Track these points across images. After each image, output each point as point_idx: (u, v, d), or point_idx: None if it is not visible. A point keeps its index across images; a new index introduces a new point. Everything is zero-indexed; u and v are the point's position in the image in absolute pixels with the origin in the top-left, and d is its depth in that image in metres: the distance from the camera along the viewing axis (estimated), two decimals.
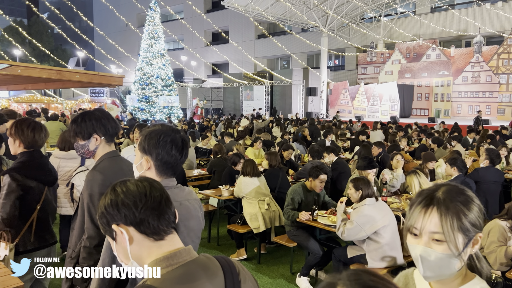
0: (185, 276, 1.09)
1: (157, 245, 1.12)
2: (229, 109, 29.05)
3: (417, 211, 1.14)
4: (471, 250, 1.13)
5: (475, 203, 1.13)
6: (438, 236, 1.10)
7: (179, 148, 1.71)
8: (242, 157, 6.11)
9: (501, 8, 20.79)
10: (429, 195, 1.14)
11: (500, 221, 3.46)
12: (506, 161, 7.65)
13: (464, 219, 1.10)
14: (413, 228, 1.14)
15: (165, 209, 1.14)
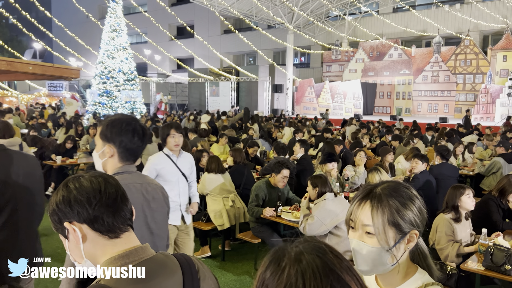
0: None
1: (112, 243, 1.08)
2: (195, 105, 28.73)
3: (355, 205, 1.15)
4: (405, 246, 1.13)
5: (414, 201, 1.14)
6: (369, 229, 1.10)
7: (140, 135, 1.79)
8: (207, 153, 6.03)
9: (459, 10, 21.65)
10: (369, 189, 1.15)
11: (445, 214, 3.60)
12: (462, 158, 7.97)
13: (396, 215, 1.10)
14: (350, 220, 1.15)
15: (121, 205, 1.09)
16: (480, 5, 20.75)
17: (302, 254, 0.74)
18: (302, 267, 0.72)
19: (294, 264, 0.73)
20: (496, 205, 4.07)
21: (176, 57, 31.25)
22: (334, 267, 0.73)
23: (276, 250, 0.77)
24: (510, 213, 4.24)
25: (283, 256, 0.75)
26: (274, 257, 0.76)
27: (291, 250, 0.76)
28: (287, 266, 0.73)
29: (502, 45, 20.08)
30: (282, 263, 0.74)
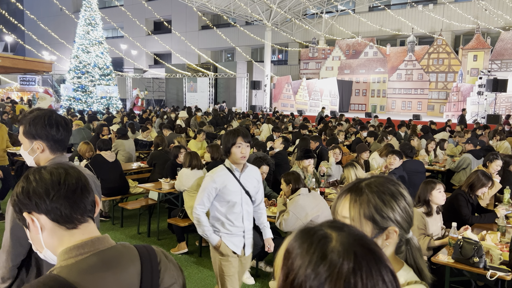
0: (95, 265, 1.06)
1: (70, 234, 1.11)
2: (172, 101, 28.44)
3: (339, 196, 1.18)
4: (383, 242, 1.13)
5: (398, 199, 1.14)
6: (347, 221, 1.12)
7: (63, 125, 1.86)
8: (184, 149, 6.00)
9: (432, 10, 22.16)
10: (355, 183, 1.17)
11: (417, 209, 3.71)
12: (434, 154, 8.20)
13: (373, 210, 1.11)
14: (333, 211, 1.19)
15: (80, 197, 1.12)
16: (452, 6, 21.29)
17: (352, 246, 0.71)
18: (358, 265, 0.69)
19: (348, 261, 0.69)
20: (466, 199, 4.21)
21: (153, 52, 30.82)
22: (382, 258, 0.72)
23: (319, 244, 0.72)
24: (479, 207, 4.40)
25: (331, 251, 0.70)
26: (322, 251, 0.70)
27: (336, 242, 0.71)
28: (343, 262, 0.69)
29: (472, 45, 20.69)
30: (335, 258, 0.69)
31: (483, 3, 19.78)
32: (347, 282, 0.67)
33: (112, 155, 5.94)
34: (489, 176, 4.28)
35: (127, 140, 7.79)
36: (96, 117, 13.53)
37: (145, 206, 5.82)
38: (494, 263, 3.11)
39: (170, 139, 8.08)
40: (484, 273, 3.00)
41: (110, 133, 8.69)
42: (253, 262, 4.58)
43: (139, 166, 7.14)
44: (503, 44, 19.90)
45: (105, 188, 5.72)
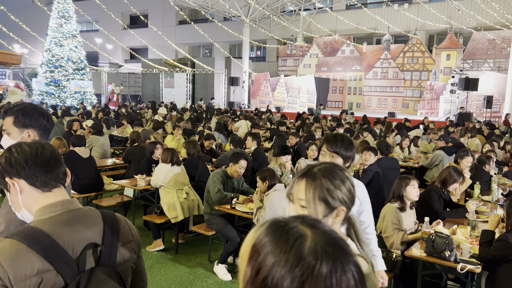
0: (65, 220, 1.30)
1: (44, 196, 1.34)
2: (148, 96, 28.03)
3: (294, 181, 1.32)
4: (333, 220, 1.29)
5: (345, 182, 1.30)
6: (302, 202, 1.27)
7: (50, 116, 2.09)
8: (160, 145, 5.93)
9: (407, 9, 22.58)
10: (308, 169, 1.31)
11: (391, 204, 3.80)
12: (408, 150, 8.37)
13: (326, 192, 1.26)
14: (290, 194, 1.32)
15: (54, 166, 1.36)
16: (426, 6, 21.75)
17: (327, 246, 0.72)
18: (334, 267, 0.70)
19: (326, 262, 0.70)
20: (438, 195, 4.32)
21: (129, 47, 30.29)
22: (351, 258, 0.74)
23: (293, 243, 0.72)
24: (451, 202, 4.52)
25: (308, 253, 0.71)
26: (298, 253, 0.71)
27: (312, 242, 0.72)
28: (322, 264, 0.70)
29: (446, 45, 21.21)
30: (312, 260, 0.70)
31: (456, 3, 20.28)
32: (325, 284, 0.68)
33: (86, 151, 5.82)
34: (460, 172, 4.40)
35: (101, 136, 7.63)
36: (69, 112, 13.20)
37: (120, 203, 5.73)
38: (464, 256, 3.20)
39: (146, 135, 7.97)
40: (454, 266, 3.08)
41: (83, 128, 8.50)
42: (230, 258, 4.58)
43: (114, 163, 7.01)
44: (474, 44, 20.48)
45: (79, 184, 5.60)
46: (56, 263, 1.22)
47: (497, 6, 19.27)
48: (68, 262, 1.24)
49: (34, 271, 1.19)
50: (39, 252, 1.21)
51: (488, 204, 4.74)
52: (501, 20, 19.33)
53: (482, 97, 17.67)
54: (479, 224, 4.08)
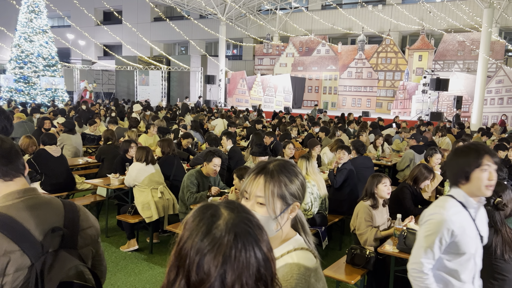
0: (29, 206, 1.40)
1: (6, 185, 1.44)
2: (122, 94, 27.54)
3: (250, 179, 1.32)
4: (288, 215, 1.31)
5: (298, 178, 1.33)
6: (261, 199, 1.27)
7: (11, 121, 2.15)
8: (134, 143, 5.83)
9: (381, 10, 23.00)
10: (262, 166, 1.33)
11: (364, 202, 3.87)
12: (382, 149, 8.54)
13: (284, 189, 1.28)
14: (244, 192, 1.32)
15: (14, 158, 1.46)
16: (399, 7, 22.21)
17: (235, 227, 0.85)
18: (236, 240, 0.83)
19: (229, 237, 0.83)
20: (410, 192, 4.42)
21: (102, 44, 29.69)
22: (258, 239, 0.87)
23: (210, 220, 0.86)
24: (422, 200, 4.63)
25: (217, 226, 0.85)
26: (209, 226, 0.85)
27: (224, 220, 0.86)
28: (225, 236, 0.83)
29: (418, 46, 21.72)
30: (218, 232, 0.84)
31: (427, 5, 20.79)
32: (225, 255, 0.81)
33: (57, 149, 5.66)
34: (430, 169, 4.52)
35: (73, 134, 7.45)
36: (38, 109, 12.83)
37: (93, 203, 5.61)
38: None
39: (120, 134, 7.82)
40: None
41: (53, 126, 8.27)
42: None
43: (86, 161, 6.85)
44: (445, 45, 21.06)
45: (50, 184, 5.45)
46: (22, 244, 1.31)
47: (467, 8, 19.87)
48: (34, 243, 1.34)
49: (1, 252, 1.29)
50: (6, 234, 1.30)
51: None
52: (470, 22, 19.94)
53: (452, 97, 18.18)
54: None
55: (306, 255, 1.28)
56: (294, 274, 1.20)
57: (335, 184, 5.25)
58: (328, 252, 5.07)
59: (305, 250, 1.30)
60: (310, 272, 1.22)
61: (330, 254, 5.02)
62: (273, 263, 0.89)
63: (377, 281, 3.70)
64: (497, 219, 2.80)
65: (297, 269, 1.21)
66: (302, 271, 1.21)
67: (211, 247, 0.82)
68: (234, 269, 0.81)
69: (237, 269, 0.82)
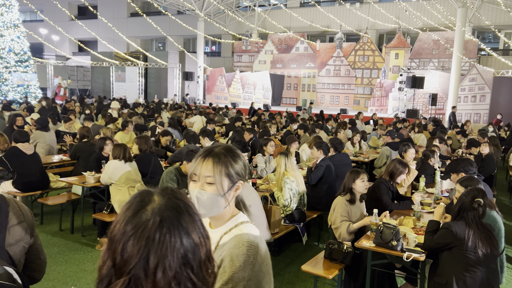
0: None
1: None
2: (98, 91, 27.01)
3: (198, 162, 1.44)
4: (234, 193, 1.46)
5: (241, 159, 1.48)
6: (210, 179, 1.40)
7: None
8: (110, 140, 5.72)
9: (359, 9, 23.26)
10: (209, 150, 1.46)
11: (341, 197, 3.94)
12: (359, 146, 8.65)
13: (231, 168, 1.43)
14: (193, 174, 1.44)
15: None
16: (376, 5, 22.52)
17: (163, 211, 0.88)
18: (161, 225, 0.86)
19: (155, 219, 0.86)
20: (387, 187, 4.49)
21: (77, 39, 29.01)
22: (187, 226, 0.89)
23: (138, 205, 0.89)
24: (398, 195, 4.72)
25: (144, 210, 0.88)
26: (135, 211, 0.88)
27: (153, 205, 0.89)
28: (150, 220, 0.86)
29: (394, 44, 22.08)
30: (144, 216, 0.87)
31: (403, 4, 21.15)
32: (148, 239, 0.84)
33: (30, 147, 5.51)
34: (405, 163, 4.61)
35: (47, 131, 7.25)
36: (10, 106, 12.44)
37: (68, 201, 5.48)
38: (410, 246, 3.35)
39: (96, 131, 7.67)
40: (401, 255, 3.22)
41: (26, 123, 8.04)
42: None
43: (61, 159, 6.69)
44: (421, 44, 21.48)
45: (22, 182, 5.30)
46: None
47: (441, 8, 20.31)
48: None
49: None
50: None
51: (432, 196, 4.99)
52: (444, 21, 20.39)
53: (427, 95, 18.57)
54: (424, 215, 4.29)
55: (251, 227, 1.43)
56: (244, 242, 1.33)
57: (310, 181, 5.29)
58: (306, 248, 5.11)
59: (250, 223, 1.45)
60: (257, 239, 1.37)
61: (309, 250, 5.06)
62: (202, 249, 0.91)
63: (354, 276, 3.74)
64: (470, 216, 2.87)
65: (246, 238, 1.35)
66: (251, 239, 1.35)
67: (135, 230, 0.84)
68: (157, 252, 0.83)
69: (161, 252, 0.84)
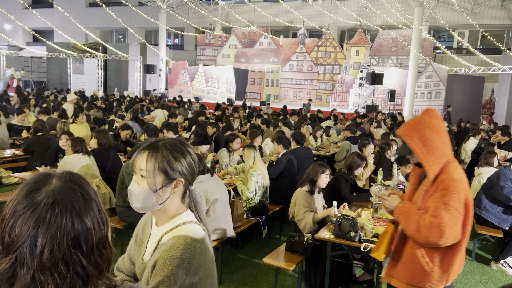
0: None
1: None
2: (55, 83, 25.93)
3: (137, 153, 1.40)
4: (172, 190, 1.39)
5: (186, 156, 1.41)
6: (143, 172, 1.36)
7: None
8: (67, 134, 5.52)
9: (321, 5, 23.57)
10: (152, 142, 1.41)
11: (301, 188, 4.01)
12: (321, 140, 8.81)
13: (166, 164, 1.36)
14: (133, 166, 1.40)
15: None
16: (338, 2, 22.90)
17: (57, 194, 0.89)
18: (53, 206, 0.86)
19: (47, 201, 0.87)
20: (345, 180, 4.61)
21: (31, 28, 27.66)
22: (80, 210, 0.90)
23: (33, 186, 0.90)
24: (357, 187, 4.85)
25: (38, 191, 0.88)
26: (29, 191, 0.89)
27: (48, 187, 0.89)
28: (42, 201, 0.86)
29: (355, 41, 22.59)
30: (37, 197, 0.87)
31: (364, 2, 21.64)
32: (38, 219, 0.84)
33: None
34: (363, 157, 4.75)
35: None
36: None
37: None
38: (367, 236, 3.46)
39: (52, 125, 7.37)
40: (359, 245, 3.32)
41: None
42: None
43: (13, 154, 6.38)
44: (380, 41, 22.09)
45: None
46: None
47: (400, 6, 20.95)
48: None
49: None
50: None
51: (389, 188, 5.16)
52: (403, 20, 21.06)
53: (386, 91, 19.16)
54: (382, 207, 4.44)
55: (194, 227, 1.37)
56: (180, 245, 1.28)
57: (270, 175, 5.33)
58: (269, 241, 5.16)
59: (194, 224, 1.39)
60: (196, 242, 1.31)
61: (271, 243, 5.12)
62: (96, 234, 0.91)
63: (314, 267, 3.82)
64: None
65: (183, 240, 1.29)
66: (188, 242, 1.29)
67: (26, 209, 0.85)
68: (46, 233, 0.84)
69: (50, 233, 0.84)
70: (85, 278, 0.87)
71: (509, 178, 4.72)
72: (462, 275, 4.59)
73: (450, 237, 2.19)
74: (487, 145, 7.11)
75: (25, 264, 0.82)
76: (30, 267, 0.82)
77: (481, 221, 4.92)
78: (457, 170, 2.31)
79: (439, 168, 2.29)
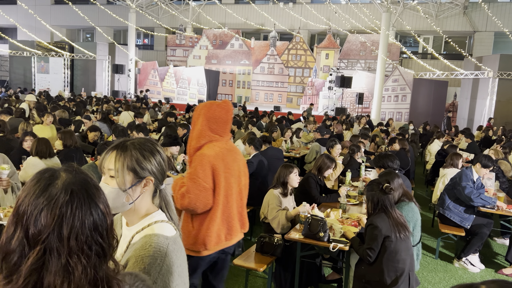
0: None
1: None
2: (18, 82, 24.97)
3: (105, 153, 1.39)
4: (141, 189, 1.38)
5: (155, 155, 1.41)
6: (112, 172, 1.36)
7: None
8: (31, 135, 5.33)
9: (292, 8, 23.82)
10: (120, 142, 1.41)
11: (274, 190, 4.05)
12: (291, 141, 8.89)
13: (136, 163, 1.36)
14: (102, 166, 1.40)
15: None
16: (308, 6, 23.22)
17: (72, 184, 0.93)
18: (73, 196, 0.91)
19: (66, 192, 0.91)
20: (315, 181, 4.67)
21: None
22: (94, 197, 0.96)
23: (48, 180, 0.93)
24: (326, 188, 4.93)
25: (55, 184, 0.92)
26: (46, 184, 0.92)
27: (61, 180, 0.94)
28: (61, 193, 0.91)
29: (325, 44, 22.95)
30: (55, 190, 0.91)
31: (333, 6, 22.03)
32: (61, 210, 0.89)
33: None
34: (332, 158, 4.83)
35: None
36: None
37: None
38: (336, 236, 3.52)
39: (14, 126, 7.09)
40: (328, 245, 3.37)
41: None
42: None
43: None
44: (349, 45, 22.53)
45: None
46: None
47: (368, 11, 21.46)
48: None
49: None
50: None
51: (357, 189, 5.27)
52: (370, 24, 21.57)
53: (355, 94, 19.55)
54: (350, 207, 4.52)
55: (165, 226, 1.37)
56: (152, 243, 1.27)
57: None
58: None
59: (165, 223, 1.38)
60: (168, 240, 1.31)
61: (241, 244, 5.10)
62: (109, 217, 0.98)
63: (284, 267, 3.85)
64: (386, 203, 3.07)
65: (155, 238, 1.29)
66: (161, 240, 1.29)
67: (47, 202, 0.90)
68: (69, 222, 0.89)
69: (73, 222, 0.90)
70: (102, 258, 0.95)
71: (470, 179, 4.92)
72: (427, 272, 4.74)
73: (198, 203, 2.55)
74: (450, 147, 7.39)
75: (56, 252, 0.88)
76: (61, 253, 0.88)
77: (444, 220, 5.10)
78: (210, 147, 2.67)
79: (197, 146, 2.67)
